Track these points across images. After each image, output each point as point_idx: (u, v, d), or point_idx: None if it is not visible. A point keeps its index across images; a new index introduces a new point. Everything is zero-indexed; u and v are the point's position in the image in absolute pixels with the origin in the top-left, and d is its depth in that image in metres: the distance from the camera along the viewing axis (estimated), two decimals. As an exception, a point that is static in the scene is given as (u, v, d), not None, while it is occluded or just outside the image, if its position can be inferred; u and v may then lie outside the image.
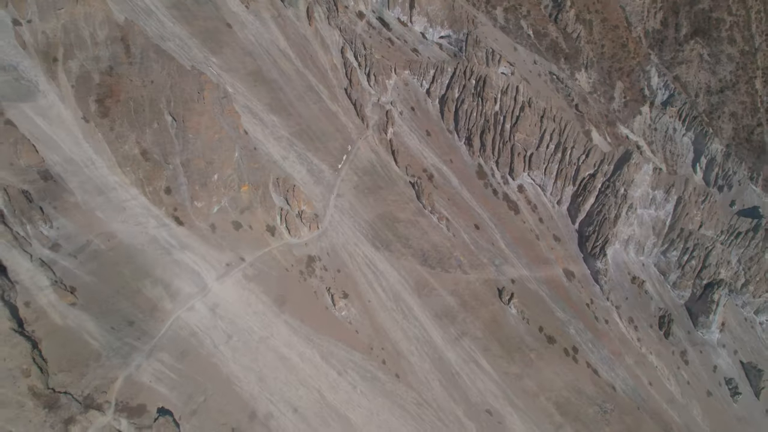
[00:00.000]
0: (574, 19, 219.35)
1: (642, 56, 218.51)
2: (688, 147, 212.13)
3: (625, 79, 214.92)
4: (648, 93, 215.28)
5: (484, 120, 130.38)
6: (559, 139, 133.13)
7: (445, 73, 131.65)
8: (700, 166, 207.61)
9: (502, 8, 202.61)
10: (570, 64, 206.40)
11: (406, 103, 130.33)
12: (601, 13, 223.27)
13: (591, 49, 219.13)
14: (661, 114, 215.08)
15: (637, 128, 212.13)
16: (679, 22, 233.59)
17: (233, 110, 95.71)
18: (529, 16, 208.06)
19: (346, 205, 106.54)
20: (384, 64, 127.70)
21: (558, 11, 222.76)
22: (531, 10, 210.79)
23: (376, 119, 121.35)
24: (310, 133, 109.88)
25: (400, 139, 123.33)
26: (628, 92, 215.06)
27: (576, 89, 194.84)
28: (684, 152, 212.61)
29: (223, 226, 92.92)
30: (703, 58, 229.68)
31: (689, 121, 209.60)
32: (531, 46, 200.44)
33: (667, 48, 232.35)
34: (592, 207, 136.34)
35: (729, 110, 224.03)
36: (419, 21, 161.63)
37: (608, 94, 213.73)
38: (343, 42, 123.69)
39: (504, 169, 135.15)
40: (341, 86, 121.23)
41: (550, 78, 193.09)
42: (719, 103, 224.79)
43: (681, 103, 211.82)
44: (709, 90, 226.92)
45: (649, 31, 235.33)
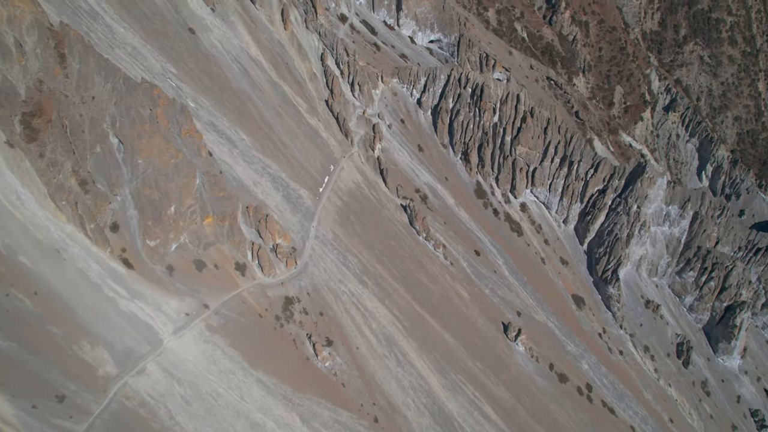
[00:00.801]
0: (570, 21, 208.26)
1: (641, 59, 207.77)
2: (692, 154, 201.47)
3: (624, 83, 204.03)
4: (649, 98, 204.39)
5: (482, 132, 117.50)
6: (565, 152, 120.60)
7: (437, 80, 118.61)
8: (705, 174, 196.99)
9: (495, 10, 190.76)
10: (567, 69, 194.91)
11: (395, 115, 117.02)
12: (598, 15, 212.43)
13: (588, 53, 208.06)
14: (663, 120, 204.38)
15: (639, 135, 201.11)
16: (677, 23, 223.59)
17: (194, 129, 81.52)
18: (523, 18, 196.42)
19: (329, 236, 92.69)
20: (369, 71, 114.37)
21: (552, 13, 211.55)
22: (524, 11, 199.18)
23: (362, 134, 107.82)
24: (286, 152, 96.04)
25: (389, 155, 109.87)
26: (628, 97, 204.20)
27: (575, 95, 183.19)
28: (688, 160, 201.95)
29: (182, 266, 78.55)
30: (703, 60, 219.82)
31: (693, 127, 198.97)
32: (526, 49, 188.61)
33: (666, 50, 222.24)
34: (602, 226, 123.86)
35: (732, 114, 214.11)
36: (407, 24, 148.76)
37: (607, 99, 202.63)
38: (323, 48, 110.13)
39: (505, 187, 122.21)
40: (321, 98, 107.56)
41: (547, 84, 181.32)
42: (722, 107, 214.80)
43: (684, 108, 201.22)
44: (710, 93, 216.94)
45: (647, 33, 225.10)
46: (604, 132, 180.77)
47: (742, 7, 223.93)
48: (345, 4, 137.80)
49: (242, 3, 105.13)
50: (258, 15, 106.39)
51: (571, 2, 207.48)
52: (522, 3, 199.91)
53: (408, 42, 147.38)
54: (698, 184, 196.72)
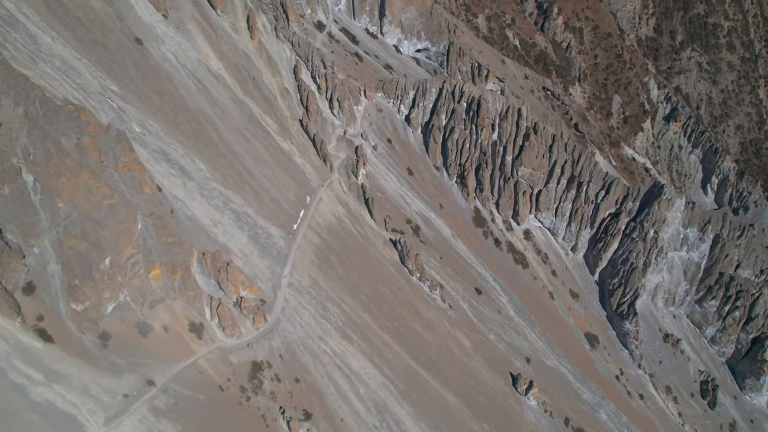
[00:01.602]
0: (563, 28, 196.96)
1: (639, 66, 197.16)
2: (695, 166, 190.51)
3: (622, 92, 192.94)
4: (648, 107, 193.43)
5: (480, 152, 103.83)
6: (572, 172, 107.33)
7: (428, 94, 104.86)
8: (711, 187, 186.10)
9: (484, 16, 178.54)
10: (562, 78, 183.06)
11: (380, 134, 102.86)
12: (592, 21, 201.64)
13: (583, 60, 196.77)
14: (664, 130, 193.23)
15: (639, 147, 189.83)
16: (673, 28, 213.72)
17: (135, 160, 66.37)
18: (514, 24, 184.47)
19: (306, 282, 77.73)
20: (350, 85, 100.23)
21: (544, 19, 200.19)
22: (515, 18, 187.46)
23: (343, 158, 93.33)
24: (253, 183, 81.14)
25: (375, 182, 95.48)
26: (626, 107, 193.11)
27: (574, 106, 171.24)
28: (692, 172, 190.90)
29: (121, 333, 63.02)
30: (702, 66, 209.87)
31: (696, 137, 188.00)
32: (519, 58, 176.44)
33: (662, 57, 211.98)
34: (616, 254, 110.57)
35: (734, 123, 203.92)
36: (391, 32, 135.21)
37: (605, 109, 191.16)
38: (296, 59, 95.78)
39: (506, 213, 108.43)
40: (295, 117, 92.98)
41: (544, 94, 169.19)
42: (723, 116, 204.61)
43: (685, 118, 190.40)
44: (710, 101, 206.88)
45: (642, 39, 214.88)
46: (605, 145, 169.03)
47: (738, 11, 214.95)
48: (322, 10, 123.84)
49: (201, 8, 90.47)
50: (220, 22, 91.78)
51: (563, 8, 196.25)
52: (512, 9, 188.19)
53: (393, 51, 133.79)
54: (703, 198, 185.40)
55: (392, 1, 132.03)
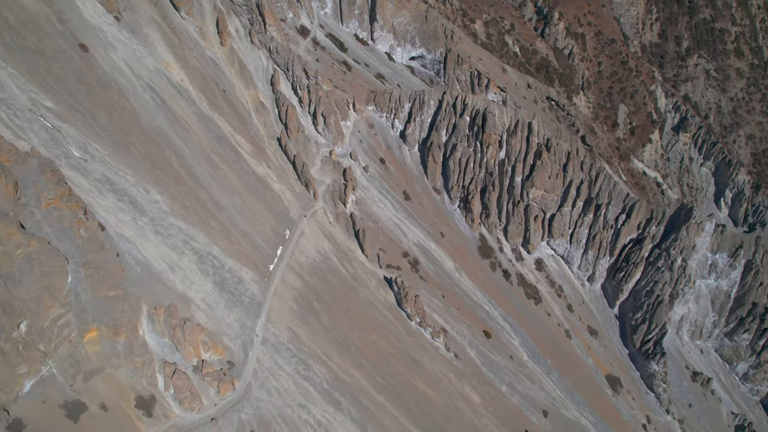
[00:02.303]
0: (565, 33, 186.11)
1: (645, 74, 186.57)
2: (707, 179, 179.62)
3: (628, 101, 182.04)
4: (656, 117, 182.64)
5: (486, 173, 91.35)
6: (589, 193, 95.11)
7: (425, 107, 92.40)
8: (724, 201, 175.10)
9: (482, 22, 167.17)
10: (566, 87, 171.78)
11: (372, 153, 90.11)
12: (594, 26, 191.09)
13: (586, 68, 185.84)
14: (673, 141, 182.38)
15: (648, 159, 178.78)
16: (679, 34, 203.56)
17: (65, 195, 53.10)
18: (514, 30, 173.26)
19: (284, 336, 64.41)
20: (337, 98, 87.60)
21: (545, 24, 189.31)
22: (514, 23, 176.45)
23: (329, 183, 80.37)
24: (220, 216, 67.88)
25: (367, 209, 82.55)
26: (633, 117, 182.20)
27: (580, 117, 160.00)
28: (704, 185, 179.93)
29: (40, 419, 49.31)
30: (709, 74, 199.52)
31: (707, 149, 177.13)
32: (519, 65, 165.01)
33: (668, 64, 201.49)
34: (638, 284, 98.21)
35: (745, 133, 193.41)
36: (383, 38, 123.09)
37: (611, 119, 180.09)
38: (274, 68, 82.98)
39: (515, 240, 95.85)
40: (272, 135, 79.98)
41: (548, 105, 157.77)
42: (733, 125, 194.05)
43: (696, 128, 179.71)
44: (720, 110, 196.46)
45: (647, 45, 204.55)
46: (614, 159, 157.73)
47: (746, 16, 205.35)
48: (306, 14, 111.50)
49: (162, 10, 77.51)
50: (184, 26, 78.85)
51: (564, 13, 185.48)
52: (511, 14, 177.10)
53: (385, 59, 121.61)
54: (717, 213, 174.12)
55: (383, 5, 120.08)
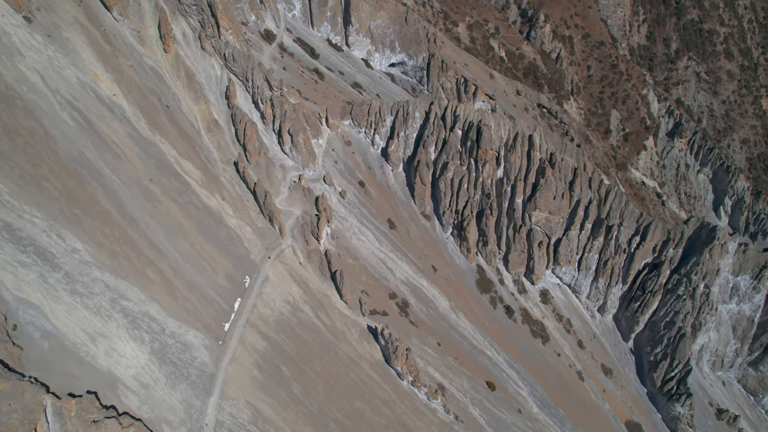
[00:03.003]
0: (551, 36, 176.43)
1: (636, 78, 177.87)
2: (705, 186, 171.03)
3: (620, 106, 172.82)
4: (650, 122, 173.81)
5: (482, 194, 79.16)
6: (599, 213, 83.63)
7: (410, 120, 79.97)
8: (724, 210, 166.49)
9: (465, 25, 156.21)
10: (555, 92, 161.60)
11: (350, 175, 77.15)
12: (582, 28, 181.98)
13: (575, 72, 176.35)
14: (668, 147, 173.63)
15: (643, 167, 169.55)
16: (667, 36, 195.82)
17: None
18: (498, 34, 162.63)
19: (244, 416, 50.78)
20: (308, 111, 74.62)
21: (530, 27, 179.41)
22: (499, 26, 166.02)
23: (299, 215, 67.09)
24: (161, 264, 54.14)
25: (345, 244, 69.45)
26: (626, 123, 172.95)
27: (574, 125, 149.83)
28: (702, 193, 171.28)
29: None
30: (700, 76, 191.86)
31: (704, 155, 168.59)
32: (506, 71, 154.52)
33: (657, 66, 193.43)
34: (656, 314, 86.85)
35: (739, 137, 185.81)
36: (359, 43, 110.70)
37: (603, 126, 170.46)
38: (229, 78, 69.65)
39: (518, 270, 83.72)
40: (227, 159, 66.47)
41: (539, 112, 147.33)
42: (726, 129, 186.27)
43: (691, 133, 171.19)
44: (712, 114, 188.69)
45: (635, 48, 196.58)
46: (611, 168, 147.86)
47: (733, 16, 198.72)
48: (271, 16, 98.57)
49: (89, 10, 63.74)
50: (118, 29, 65.15)
51: (550, 15, 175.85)
52: (495, 16, 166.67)
53: (362, 66, 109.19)
54: (716, 222, 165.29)
55: (359, 6, 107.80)
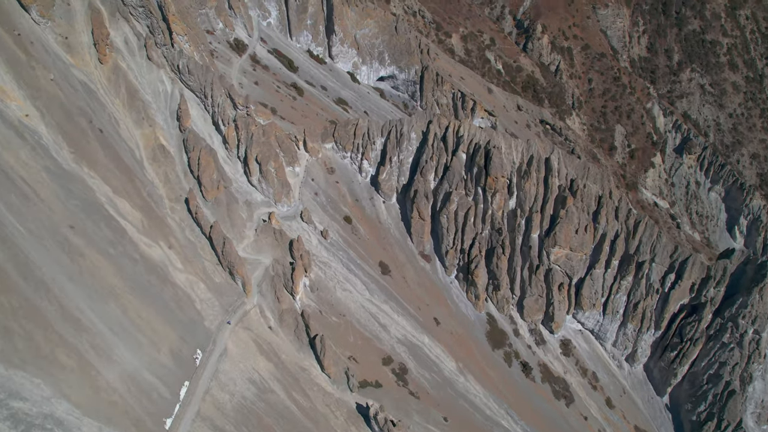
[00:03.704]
0: (550, 48, 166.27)
1: (640, 91, 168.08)
2: (717, 205, 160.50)
3: (625, 121, 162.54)
4: (656, 138, 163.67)
5: (492, 229, 66.38)
6: (626, 248, 71.21)
7: (404, 141, 67.30)
8: (739, 230, 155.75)
9: (459, 36, 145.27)
10: (557, 107, 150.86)
11: (333, 210, 64.02)
12: (581, 39, 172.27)
13: (576, 86, 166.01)
14: (677, 164, 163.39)
15: (651, 185, 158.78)
16: (668, 47, 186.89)
17: None
18: (494, 45, 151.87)
19: None
20: (281, 133, 61.67)
21: (527, 38, 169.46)
22: (494, 37, 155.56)
23: (268, 264, 53.65)
24: (79, 342, 40.40)
25: (328, 297, 56.02)
26: (631, 138, 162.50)
27: (580, 143, 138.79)
28: (714, 212, 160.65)
29: None
30: (704, 89, 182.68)
31: (715, 171, 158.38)
32: (504, 84, 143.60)
33: (660, 79, 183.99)
34: (696, 365, 74.11)
35: (748, 151, 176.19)
36: (344, 54, 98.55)
37: (607, 142, 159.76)
38: (181, 95, 56.57)
39: (535, 317, 70.71)
40: (177, 196, 52.99)
41: (543, 129, 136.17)
42: (735, 144, 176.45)
43: (700, 149, 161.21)
44: (719, 128, 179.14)
45: (635, 60, 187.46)
46: (620, 188, 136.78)
47: (735, 27, 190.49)
48: (242, 24, 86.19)
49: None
50: (38, 34, 52.03)
51: (548, 25, 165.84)
52: (490, 27, 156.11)
53: (347, 80, 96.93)
54: (731, 244, 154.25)
55: (343, 13, 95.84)
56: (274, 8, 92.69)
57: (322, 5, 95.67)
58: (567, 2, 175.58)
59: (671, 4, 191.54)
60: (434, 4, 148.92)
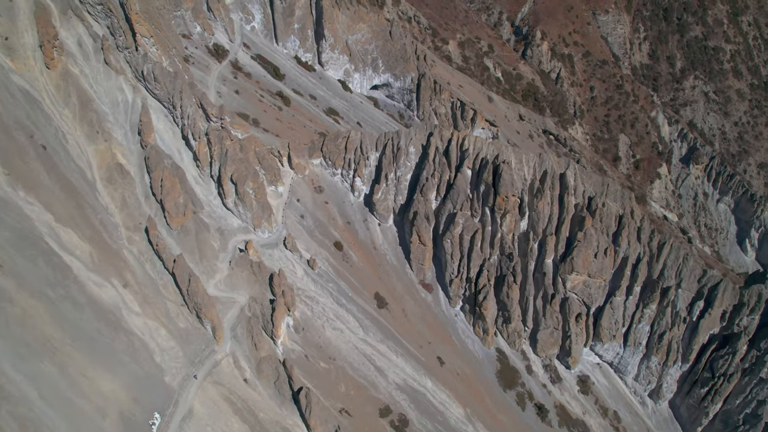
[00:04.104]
0: (550, 55, 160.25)
1: (644, 99, 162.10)
2: (727, 217, 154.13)
3: (629, 130, 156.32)
4: (661, 148, 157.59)
5: (501, 254, 58.88)
6: (649, 272, 63.89)
7: (402, 156, 59.84)
8: (750, 243, 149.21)
9: (456, 42, 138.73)
10: (559, 116, 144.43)
11: (322, 235, 56.32)
12: (582, 46, 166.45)
13: (577, 94, 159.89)
14: (683, 174, 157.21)
15: (658, 197, 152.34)
16: (670, 54, 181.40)
17: None
18: (493, 52, 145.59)
19: None
20: (262, 149, 54.06)
21: (526, 45, 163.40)
22: (493, 44, 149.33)
23: (244, 303, 45.68)
24: None
25: (315, 339, 48.11)
26: (636, 148, 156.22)
27: (586, 154, 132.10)
28: (724, 225, 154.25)
29: None
30: (708, 96, 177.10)
31: (723, 182, 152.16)
32: (504, 93, 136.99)
33: (663, 87, 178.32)
34: (730, 402, 66.51)
35: (755, 161, 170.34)
36: (335, 61, 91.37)
37: (611, 152, 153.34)
38: (143, 104, 48.92)
39: (549, 352, 63.02)
40: (136, 224, 45.03)
41: (546, 140, 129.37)
42: (741, 153, 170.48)
43: (707, 158, 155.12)
44: (725, 137, 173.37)
45: (637, 67, 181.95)
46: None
47: (738, 33, 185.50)
48: (223, 28, 78.88)
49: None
50: (-25, 36, 44.30)
51: (547, 32, 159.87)
52: (487, 34, 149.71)
53: (338, 89, 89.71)
54: (742, 257, 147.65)
55: (333, 17, 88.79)
56: (259, 11, 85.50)
57: (310, 8, 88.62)
58: (566, 8, 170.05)
59: (672, 11, 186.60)
60: (430, 10, 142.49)
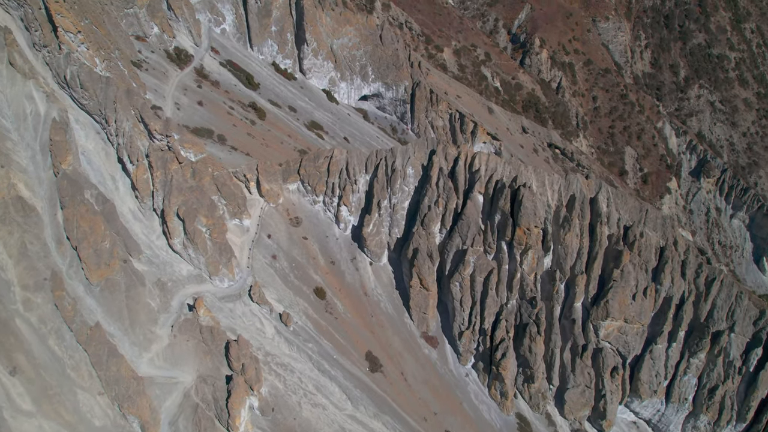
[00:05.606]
0: (549, 64, 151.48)
1: (649, 109, 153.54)
2: (742, 234, 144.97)
3: (635, 142, 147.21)
4: (670, 161, 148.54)
5: (521, 299, 47.98)
6: (696, 314, 53.22)
7: (398, 179, 48.88)
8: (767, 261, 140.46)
9: (452, 50, 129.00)
10: (561, 128, 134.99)
11: (298, 279, 45.08)
12: (582, 54, 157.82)
13: (580, 104, 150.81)
14: (694, 189, 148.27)
15: (668, 213, 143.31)
16: (674, 62, 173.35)
17: None
18: (490, 60, 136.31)
19: None
20: (222, 172, 42.89)
21: (524, 53, 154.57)
22: (490, 52, 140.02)
23: (188, 385, 34.10)
24: None
25: (289, 423, 36.40)
26: (643, 161, 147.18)
27: (595, 169, 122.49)
28: (738, 242, 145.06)
29: None
30: (714, 106, 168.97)
31: (736, 196, 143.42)
32: (504, 103, 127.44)
33: (666, 96, 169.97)
34: (791, 469, 55.50)
35: (766, 173, 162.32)
36: (318, 68, 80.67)
37: (617, 165, 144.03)
38: (60, 117, 37.70)
39: (579, 414, 51.79)
40: (36, 282, 33.35)
41: (552, 154, 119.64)
42: (751, 165, 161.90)
43: (719, 171, 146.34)
44: (733, 148, 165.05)
45: (639, 76, 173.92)
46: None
47: (742, 40, 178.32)
48: (188, 30, 68.07)
49: None
50: None
51: (546, 39, 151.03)
52: (483, 41, 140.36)
53: (323, 99, 78.95)
54: (759, 277, 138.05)
55: (316, 18, 78.29)
56: (230, 11, 74.82)
57: (290, 9, 78.10)
58: (565, 15, 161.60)
59: (673, 17, 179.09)
60: (422, 16, 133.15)
